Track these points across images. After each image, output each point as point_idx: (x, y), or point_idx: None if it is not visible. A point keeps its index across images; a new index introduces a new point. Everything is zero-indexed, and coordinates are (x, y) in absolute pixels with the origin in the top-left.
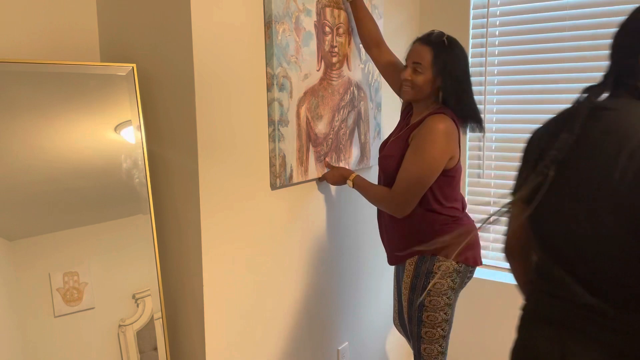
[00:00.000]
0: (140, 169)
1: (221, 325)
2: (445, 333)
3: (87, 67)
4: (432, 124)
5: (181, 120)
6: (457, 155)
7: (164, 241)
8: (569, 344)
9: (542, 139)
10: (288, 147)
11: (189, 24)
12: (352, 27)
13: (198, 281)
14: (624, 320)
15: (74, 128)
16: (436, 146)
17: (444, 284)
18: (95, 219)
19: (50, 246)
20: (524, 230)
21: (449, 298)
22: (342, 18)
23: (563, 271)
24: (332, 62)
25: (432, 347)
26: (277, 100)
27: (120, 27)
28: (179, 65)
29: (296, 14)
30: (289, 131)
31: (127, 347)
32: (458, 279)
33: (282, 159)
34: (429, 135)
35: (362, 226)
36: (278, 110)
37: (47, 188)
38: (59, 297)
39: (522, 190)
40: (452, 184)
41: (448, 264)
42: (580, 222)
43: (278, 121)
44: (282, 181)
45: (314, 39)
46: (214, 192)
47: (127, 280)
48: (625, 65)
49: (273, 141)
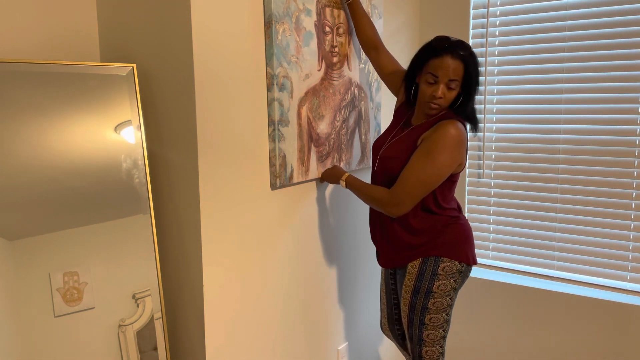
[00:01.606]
0: (140, 169)
1: (221, 325)
2: (445, 334)
3: (87, 67)
4: (445, 129)
5: (181, 120)
6: (464, 162)
7: (164, 241)
8: None
9: None
10: (288, 147)
11: (189, 24)
12: (351, 27)
13: (198, 281)
14: None
15: (74, 128)
16: (448, 153)
17: (447, 284)
18: (95, 219)
19: (50, 246)
20: None
21: (451, 299)
22: (341, 18)
23: None
24: (333, 62)
25: (434, 349)
26: (277, 100)
27: (120, 27)
28: (179, 65)
29: (296, 14)
30: (290, 131)
31: (127, 347)
32: (460, 279)
33: (282, 159)
34: (442, 140)
35: (362, 226)
36: (278, 110)
37: (47, 188)
38: (59, 297)
39: None
40: (452, 187)
41: (452, 265)
42: None
43: (278, 121)
44: (282, 181)
45: (315, 38)
46: (214, 192)
47: (127, 280)
48: None
49: (273, 141)
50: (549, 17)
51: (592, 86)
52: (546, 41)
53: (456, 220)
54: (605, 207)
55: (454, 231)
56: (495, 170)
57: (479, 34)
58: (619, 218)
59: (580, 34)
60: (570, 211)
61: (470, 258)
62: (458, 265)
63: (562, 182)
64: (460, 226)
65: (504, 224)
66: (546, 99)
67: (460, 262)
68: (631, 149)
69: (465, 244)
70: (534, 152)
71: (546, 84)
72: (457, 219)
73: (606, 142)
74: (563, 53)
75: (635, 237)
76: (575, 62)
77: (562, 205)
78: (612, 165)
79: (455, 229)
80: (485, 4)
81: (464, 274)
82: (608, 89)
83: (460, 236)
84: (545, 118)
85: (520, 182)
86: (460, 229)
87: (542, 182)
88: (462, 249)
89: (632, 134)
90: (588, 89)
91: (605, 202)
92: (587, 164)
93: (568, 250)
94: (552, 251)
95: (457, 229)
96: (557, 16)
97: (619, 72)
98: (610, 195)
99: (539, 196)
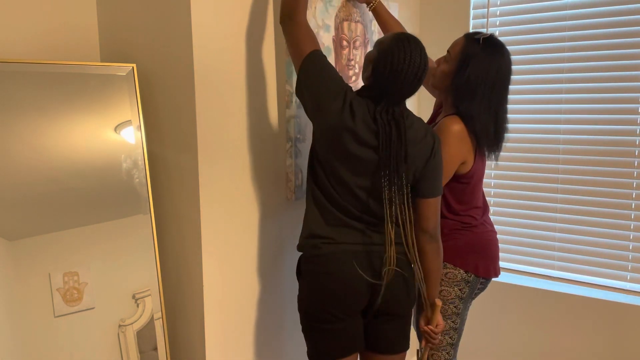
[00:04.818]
0: (140, 169)
1: (221, 325)
2: (453, 341)
3: (87, 67)
4: (444, 125)
5: (181, 120)
6: (470, 160)
7: (164, 241)
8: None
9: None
10: (304, 162)
11: (189, 24)
12: (367, 39)
13: (198, 281)
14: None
15: (74, 128)
16: (446, 149)
17: (450, 292)
18: (95, 219)
19: (50, 246)
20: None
21: (456, 307)
22: (358, 31)
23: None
24: (349, 75)
25: (440, 354)
26: (295, 117)
27: (120, 27)
28: (179, 65)
29: (315, 30)
30: (307, 147)
31: (127, 347)
32: (467, 289)
33: (299, 173)
34: (440, 137)
35: None
36: (295, 126)
37: (47, 188)
38: (59, 297)
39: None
40: (466, 191)
41: (455, 272)
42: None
43: (295, 138)
44: (298, 195)
45: (332, 53)
46: (214, 192)
47: (127, 280)
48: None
49: (290, 157)
50: (549, 17)
51: (592, 86)
52: (546, 41)
53: (469, 228)
54: (605, 207)
55: (463, 238)
56: (495, 170)
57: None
58: (619, 218)
59: (580, 34)
60: (570, 211)
61: (480, 269)
62: (463, 274)
63: (562, 182)
64: (473, 235)
65: (504, 224)
66: (546, 99)
67: (467, 271)
68: (631, 149)
69: (475, 254)
70: (534, 152)
71: (546, 84)
72: (471, 227)
73: (606, 142)
74: (563, 53)
75: (635, 237)
76: (575, 62)
77: (562, 206)
78: (612, 165)
79: (465, 237)
80: (485, 4)
81: (472, 284)
82: (608, 89)
83: (469, 245)
84: (545, 118)
85: (520, 182)
86: (472, 237)
87: (542, 182)
88: (470, 259)
89: (632, 134)
90: (588, 89)
91: (605, 202)
92: (587, 164)
93: (568, 250)
94: (552, 251)
95: (468, 237)
96: (557, 16)
97: (619, 72)
98: (610, 195)
99: (539, 196)
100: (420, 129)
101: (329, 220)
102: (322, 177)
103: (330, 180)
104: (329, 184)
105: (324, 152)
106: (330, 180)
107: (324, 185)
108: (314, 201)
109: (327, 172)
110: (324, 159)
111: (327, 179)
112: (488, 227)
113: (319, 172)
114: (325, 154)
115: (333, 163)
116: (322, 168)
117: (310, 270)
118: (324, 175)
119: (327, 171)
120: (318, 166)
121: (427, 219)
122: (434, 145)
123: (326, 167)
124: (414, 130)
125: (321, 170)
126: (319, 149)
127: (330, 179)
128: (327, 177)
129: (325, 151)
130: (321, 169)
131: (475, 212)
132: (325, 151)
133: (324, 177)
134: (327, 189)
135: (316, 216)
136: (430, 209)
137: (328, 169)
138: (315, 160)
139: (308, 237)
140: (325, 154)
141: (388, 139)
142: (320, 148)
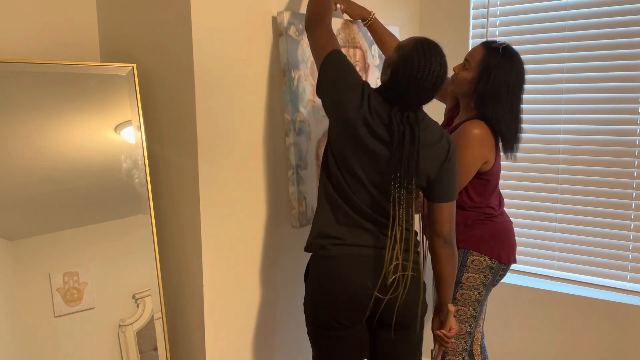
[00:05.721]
0: (140, 169)
1: (221, 326)
2: (471, 330)
3: (87, 67)
4: (466, 129)
5: (181, 120)
6: (492, 160)
7: (164, 241)
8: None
9: None
10: (307, 189)
11: (189, 24)
12: (367, 64)
13: (198, 281)
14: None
15: (74, 128)
16: (469, 152)
17: (476, 278)
18: (95, 219)
19: (50, 246)
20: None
21: (480, 294)
22: (357, 57)
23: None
24: None
25: (458, 342)
26: (296, 145)
27: (120, 27)
28: (179, 65)
29: (311, 59)
30: (309, 174)
31: (127, 347)
32: (491, 276)
33: (303, 201)
34: (463, 140)
35: None
36: (296, 154)
37: (47, 188)
38: (59, 297)
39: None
40: (487, 187)
41: (482, 259)
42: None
43: (296, 165)
44: (303, 222)
45: None
46: (214, 192)
47: (127, 280)
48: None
49: (293, 184)
50: (549, 17)
51: (592, 86)
52: (546, 41)
53: (490, 218)
54: (605, 207)
55: (486, 227)
56: None
57: (479, 34)
58: (619, 218)
59: (580, 33)
60: (570, 211)
61: (502, 256)
62: (488, 261)
63: (562, 182)
64: (494, 224)
65: None
66: (546, 99)
67: (491, 258)
68: (631, 149)
69: (498, 242)
70: (533, 152)
71: (546, 83)
72: (492, 216)
73: (606, 142)
74: (563, 53)
75: (635, 237)
76: (575, 62)
77: (562, 206)
78: (612, 166)
79: (487, 225)
80: (485, 4)
81: (495, 271)
82: (608, 89)
83: (492, 233)
84: (545, 118)
85: (520, 182)
86: (493, 226)
87: (542, 182)
88: (494, 246)
89: (632, 134)
90: (588, 89)
91: (605, 202)
92: (587, 164)
93: (568, 250)
94: (552, 251)
95: (490, 226)
96: (557, 16)
97: (619, 72)
98: (610, 196)
99: (539, 196)
100: (435, 132)
101: (340, 219)
102: (337, 172)
103: (344, 175)
104: (343, 179)
105: (340, 146)
106: (345, 175)
107: (337, 181)
108: (327, 198)
109: (341, 168)
110: (339, 153)
111: (342, 174)
112: (506, 217)
113: (333, 168)
114: (342, 148)
115: (348, 157)
116: (337, 163)
117: (317, 273)
118: (338, 171)
119: (342, 166)
120: (332, 162)
121: (442, 223)
122: (449, 150)
123: (340, 163)
124: (428, 132)
125: (335, 165)
126: (335, 144)
127: (345, 174)
128: (342, 172)
129: (342, 145)
130: (335, 164)
131: (494, 204)
132: (342, 145)
133: (338, 173)
134: (341, 185)
135: (327, 214)
136: (444, 213)
137: (342, 165)
138: (329, 156)
139: (317, 237)
140: (341, 148)
141: (401, 139)
142: (335, 143)
